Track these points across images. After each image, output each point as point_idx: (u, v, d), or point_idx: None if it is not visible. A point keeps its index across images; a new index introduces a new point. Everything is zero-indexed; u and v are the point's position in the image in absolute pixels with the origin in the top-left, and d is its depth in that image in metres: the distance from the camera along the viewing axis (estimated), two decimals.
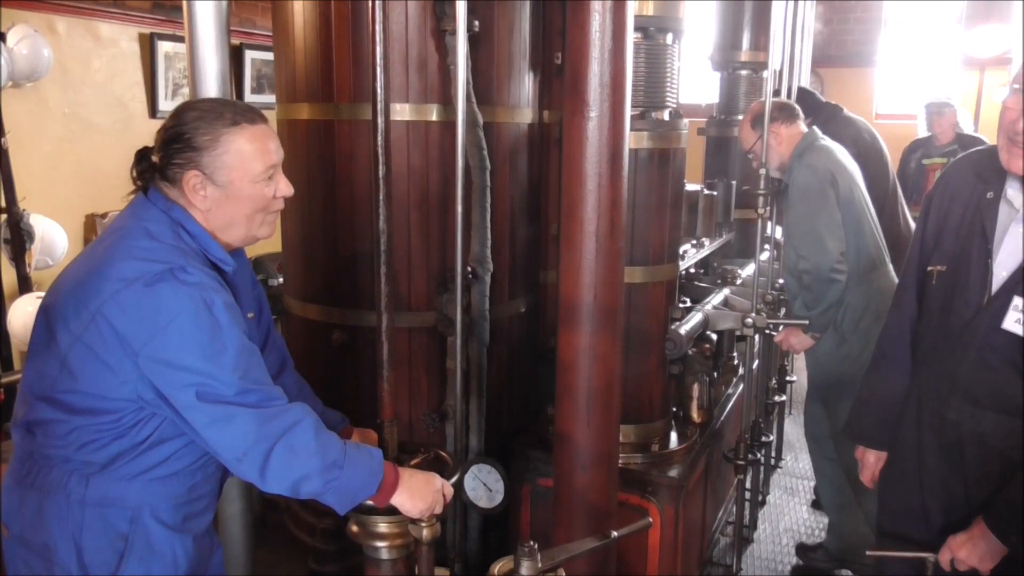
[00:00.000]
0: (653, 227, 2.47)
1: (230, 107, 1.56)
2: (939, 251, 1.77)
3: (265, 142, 1.56)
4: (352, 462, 1.53)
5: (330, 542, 2.59)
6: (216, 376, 1.43)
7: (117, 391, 1.47)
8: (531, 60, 2.74)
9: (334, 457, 1.50)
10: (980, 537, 1.64)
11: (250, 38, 5.55)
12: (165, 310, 1.42)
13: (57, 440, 1.51)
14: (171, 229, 1.52)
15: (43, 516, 1.53)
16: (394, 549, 1.70)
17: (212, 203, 1.54)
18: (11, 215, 3.96)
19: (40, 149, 4.46)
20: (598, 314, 1.79)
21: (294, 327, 2.85)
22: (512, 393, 2.84)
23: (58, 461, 1.52)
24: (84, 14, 4.60)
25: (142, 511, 1.54)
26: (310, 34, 2.54)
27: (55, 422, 1.50)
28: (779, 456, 4.20)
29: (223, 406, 1.44)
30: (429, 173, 2.54)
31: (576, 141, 1.75)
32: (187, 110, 1.55)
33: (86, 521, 1.52)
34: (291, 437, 1.46)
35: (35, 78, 4.16)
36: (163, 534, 1.57)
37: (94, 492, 1.52)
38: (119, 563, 1.54)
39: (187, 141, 1.51)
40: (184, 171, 1.52)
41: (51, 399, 1.50)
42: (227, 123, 1.52)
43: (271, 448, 1.45)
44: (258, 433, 1.44)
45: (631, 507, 2.37)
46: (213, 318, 1.44)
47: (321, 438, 1.50)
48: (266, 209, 1.60)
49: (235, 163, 1.52)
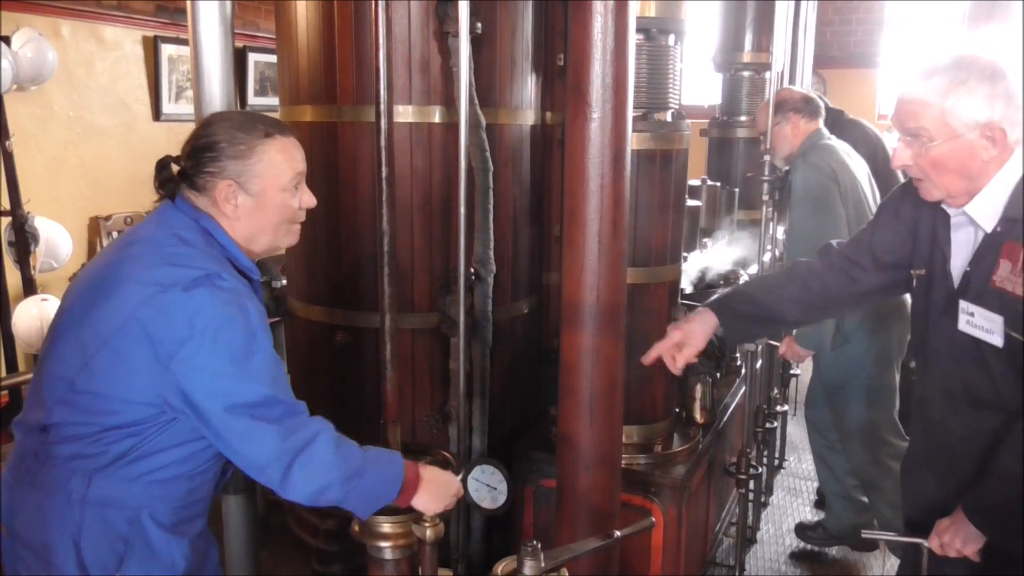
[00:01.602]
0: (655, 228, 2.47)
1: (261, 119, 1.60)
2: (918, 255, 1.80)
3: (293, 152, 1.61)
4: (373, 469, 1.54)
5: (333, 543, 2.59)
6: (246, 383, 1.45)
7: (141, 395, 1.47)
8: (533, 62, 2.75)
9: (355, 467, 1.51)
10: (961, 522, 1.67)
11: (253, 40, 5.57)
12: (202, 315, 1.42)
13: (68, 439, 1.51)
14: (202, 237, 1.54)
15: (43, 516, 1.53)
16: (397, 549, 1.70)
17: (243, 212, 1.57)
18: (16, 217, 3.97)
19: (44, 152, 4.48)
20: (601, 315, 1.79)
21: (298, 328, 2.86)
22: (515, 394, 2.84)
23: (63, 459, 1.52)
24: (88, 17, 4.62)
25: (141, 512, 1.54)
26: (313, 36, 2.55)
27: (70, 424, 1.50)
28: (782, 457, 4.20)
29: (249, 419, 1.45)
30: (432, 175, 2.54)
31: (578, 142, 1.75)
32: (220, 120, 1.58)
33: (85, 521, 1.52)
34: (311, 450, 1.47)
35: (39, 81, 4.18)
36: (161, 536, 1.57)
37: (95, 492, 1.51)
38: (119, 565, 1.54)
39: (221, 150, 1.53)
40: (217, 180, 1.54)
41: (70, 402, 1.50)
42: (260, 135, 1.56)
43: (291, 462, 1.46)
44: (280, 448, 1.45)
45: (634, 508, 2.37)
46: (248, 324, 1.46)
47: (341, 449, 1.51)
48: (292, 220, 1.64)
49: (267, 172, 1.56)
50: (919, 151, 1.64)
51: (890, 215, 1.88)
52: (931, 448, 1.85)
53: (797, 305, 1.98)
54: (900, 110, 1.66)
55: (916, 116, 1.62)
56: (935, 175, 1.65)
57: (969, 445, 1.74)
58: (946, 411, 1.77)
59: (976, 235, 1.68)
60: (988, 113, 1.57)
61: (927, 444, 1.86)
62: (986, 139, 1.59)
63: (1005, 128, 1.58)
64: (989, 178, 1.63)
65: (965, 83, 1.57)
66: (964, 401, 1.73)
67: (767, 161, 2.85)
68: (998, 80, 1.58)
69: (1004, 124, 1.58)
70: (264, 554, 2.47)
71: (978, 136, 1.59)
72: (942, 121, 1.59)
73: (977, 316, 1.66)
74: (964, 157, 1.61)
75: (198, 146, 1.55)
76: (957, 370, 1.73)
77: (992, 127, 1.58)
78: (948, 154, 1.61)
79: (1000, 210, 1.63)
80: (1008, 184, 1.63)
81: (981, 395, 1.70)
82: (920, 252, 1.81)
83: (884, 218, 1.90)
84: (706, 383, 2.82)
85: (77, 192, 4.68)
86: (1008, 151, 1.62)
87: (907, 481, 1.98)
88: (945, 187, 1.66)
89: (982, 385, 1.70)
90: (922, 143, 1.62)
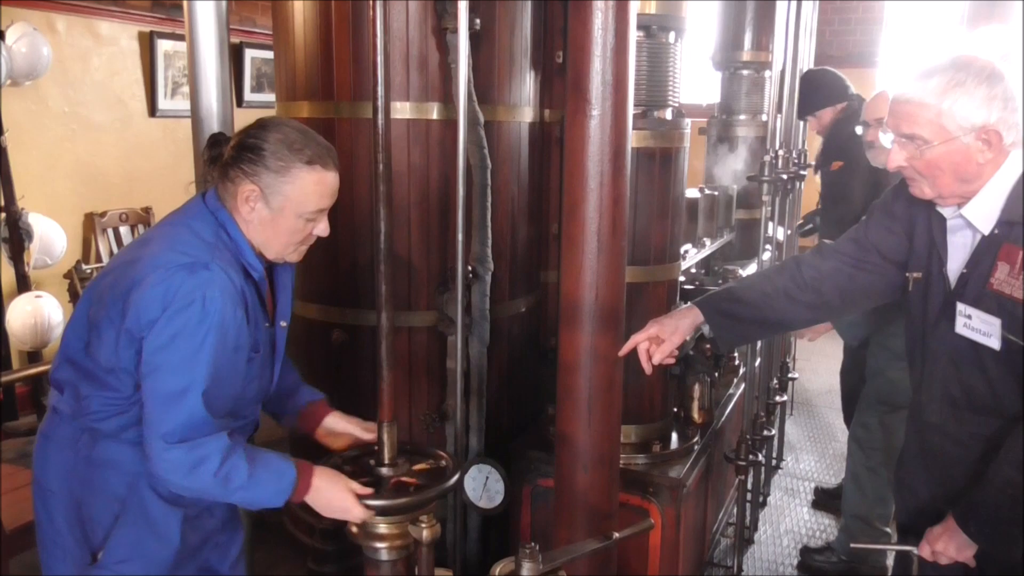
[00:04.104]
0: (654, 227, 2.46)
1: (313, 144, 1.62)
2: (915, 258, 1.79)
3: (327, 187, 1.64)
4: (256, 484, 1.55)
5: (329, 542, 2.57)
6: (174, 369, 1.50)
7: (129, 362, 1.55)
8: (532, 59, 2.73)
9: (237, 484, 1.54)
10: (954, 530, 1.65)
11: (250, 36, 5.55)
12: (169, 296, 1.49)
13: (73, 401, 1.63)
14: (213, 229, 1.61)
15: (52, 466, 1.65)
16: (394, 550, 1.69)
17: (257, 218, 1.61)
18: (10, 214, 3.95)
19: (39, 148, 4.45)
20: (600, 314, 1.78)
21: (294, 326, 2.82)
22: (512, 393, 2.83)
23: (70, 418, 1.64)
24: (83, 12, 4.59)
25: (139, 478, 1.63)
26: (310, 32, 2.53)
27: (74, 384, 1.62)
28: (780, 457, 4.19)
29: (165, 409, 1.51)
30: (430, 172, 2.53)
31: (578, 139, 1.74)
32: (275, 129, 1.61)
33: (89, 478, 1.63)
34: (197, 473, 1.51)
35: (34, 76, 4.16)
36: (159, 505, 1.65)
37: (100, 453, 1.62)
38: (114, 523, 1.64)
39: (262, 157, 1.58)
40: (246, 179, 1.58)
41: (74, 361, 1.62)
42: (303, 159, 1.59)
43: (178, 472, 1.52)
44: (162, 454, 1.51)
45: (632, 508, 2.36)
46: (204, 312, 1.50)
47: (223, 471, 1.52)
48: (301, 242, 1.69)
49: (293, 195, 1.60)
50: (914, 153, 1.63)
51: (884, 216, 1.85)
52: (925, 452, 1.83)
53: (783, 298, 1.88)
54: (896, 111, 1.64)
55: (912, 117, 1.61)
56: (930, 176, 1.64)
57: (965, 450, 1.73)
58: (944, 415, 1.75)
59: (973, 238, 1.67)
60: (985, 116, 1.56)
61: (921, 447, 1.85)
62: (982, 142, 1.58)
63: (1001, 131, 1.57)
64: (984, 181, 1.62)
65: (963, 84, 1.56)
66: (962, 406, 1.72)
67: (768, 161, 2.82)
68: (996, 82, 1.56)
69: (1000, 127, 1.57)
70: (259, 553, 2.45)
71: (974, 139, 1.58)
72: (938, 123, 1.58)
73: (974, 319, 1.65)
74: (959, 160, 1.60)
75: (245, 144, 1.59)
76: (954, 374, 1.71)
77: (988, 130, 1.57)
78: (943, 156, 1.60)
79: (997, 213, 1.63)
80: (1005, 187, 1.62)
81: (978, 399, 1.69)
82: (917, 255, 1.80)
83: (878, 218, 1.87)
84: (704, 383, 2.81)
85: (72, 188, 4.66)
86: (1004, 154, 1.61)
87: (899, 484, 1.97)
88: (939, 188, 1.65)
89: (979, 389, 1.68)
90: (917, 145, 1.61)
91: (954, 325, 1.68)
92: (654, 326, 1.87)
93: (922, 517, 1.79)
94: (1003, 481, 1.59)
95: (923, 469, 1.84)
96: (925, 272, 1.77)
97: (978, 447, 1.70)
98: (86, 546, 1.66)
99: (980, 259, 1.65)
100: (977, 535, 1.62)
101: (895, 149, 1.66)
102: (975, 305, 1.64)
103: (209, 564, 1.81)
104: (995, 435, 1.67)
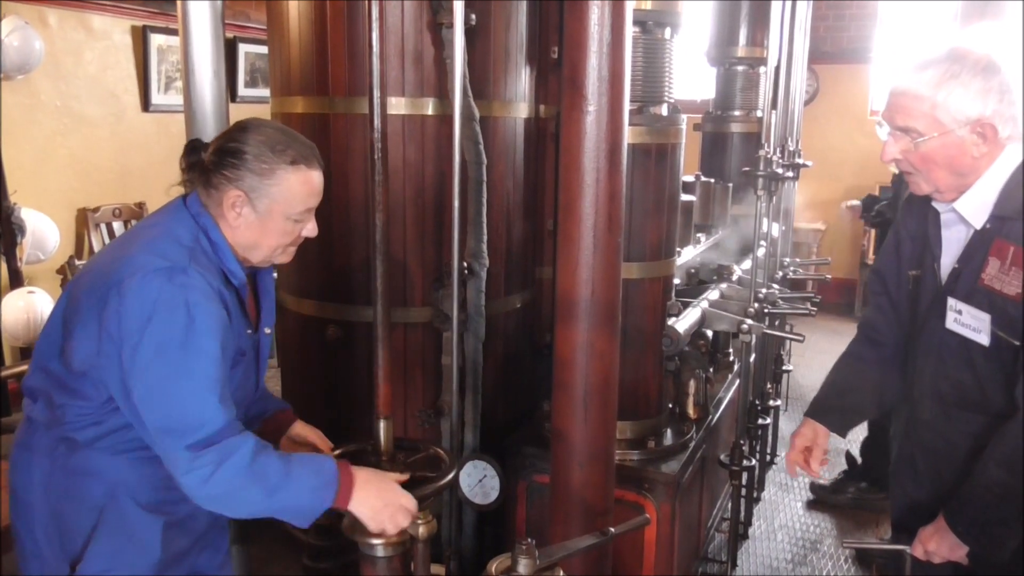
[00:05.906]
0: (650, 223, 2.46)
1: (295, 143, 1.60)
2: (912, 256, 1.80)
3: (312, 186, 1.62)
4: (294, 481, 1.49)
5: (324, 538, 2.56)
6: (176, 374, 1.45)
7: (106, 369, 1.50)
8: (527, 54, 2.72)
9: (274, 481, 1.48)
10: (945, 529, 1.64)
11: (244, 31, 5.53)
12: (149, 302, 1.45)
13: (47, 411, 1.59)
14: (193, 233, 1.56)
15: (31, 477, 1.61)
16: (390, 546, 1.69)
17: (243, 224, 1.58)
18: (2, 209, 3.93)
19: (31, 142, 4.42)
20: (596, 310, 1.78)
21: (289, 322, 2.83)
22: (508, 389, 2.83)
23: (46, 428, 1.59)
24: (76, 6, 4.57)
25: (118, 487, 1.59)
26: (305, 27, 2.52)
27: (47, 393, 1.58)
28: (774, 452, 4.21)
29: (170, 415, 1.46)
30: (425, 168, 2.52)
31: (574, 135, 1.73)
32: (255, 131, 1.58)
33: (66, 488, 1.59)
34: (221, 472, 1.45)
35: (26, 70, 4.13)
36: (138, 514, 1.61)
37: (78, 462, 1.58)
38: (92, 533, 1.60)
39: (244, 160, 1.55)
40: (230, 185, 1.55)
41: (47, 369, 1.58)
42: (287, 160, 1.57)
43: (209, 476, 1.45)
44: (189, 465, 1.45)
45: (627, 504, 2.36)
46: (190, 316, 1.46)
47: (256, 466, 1.47)
48: (289, 243, 1.67)
49: (280, 197, 1.57)
50: (908, 146, 1.62)
51: (901, 240, 1.87)
52: (917, 449, 1.83)
53: (876, 369, 1.91)
54: (891, 103, 1.64)
55: (906, 110, 1.60)
56: (924, 170, 1.63)
57: (955, 447, 1.73)
58: (934, 412, 1.75)
59: (966, 232, 1.67)
60: (980, 108, 1.55)
61: (913, 445, 1.85)
62: (977, 135, 1.58)
63: (996, 124, 1.56)
64: (979, 174, 1.62)
65: (958, 76, 1.55)
66: (951, 402, 1.71)
67: (762, 156, 2.83)
68: (992, 75, 1.56)
69: (995, 120, 1.56)
70: (254, 549, 2.45)
71: (968, 132, 1.57)
72: (932, 116, 1.57)
73: (965, 314, 1.64)
74: (954, 153, 1.59)
75: (225, 149, 1.56)
76: (945, 370, 1.71)
77: (983, 123, 1.56)
78: (938, 149, 1.59)
79: (990, 207, 1.62)
80: (998, 181, 1.61)
81: (968, 396, 1.68)
82: (914, 252, 1.80)
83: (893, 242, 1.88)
84: (699, 378, 2.81)
85: (65, 183, 4.63)
86: (999, 147, 1.60)
87: (893, 482, 1.97)
88: (934, 182, 1.64)
89: (969, 386, 1.68)
90: (912, 138, 1.61)
91: (944, 320, 1.68)
92: (797, 439, 1.95)
93: (915, 516, 1.79)
94: (989, 480, 1.58)
95: (915, 467, 1.84)
96: (920, 270, 1.77)
97: (966, 444, 1.70)
98: (64, 557, 1.61)
99: (972, 254, 1.64)
100: (965, 535, 1.61)
101: (889, 142, 1.66)
102: (966, 301, 1.64)
103: (199, 566, 1.77)
104: (984, 433, 1.65)
